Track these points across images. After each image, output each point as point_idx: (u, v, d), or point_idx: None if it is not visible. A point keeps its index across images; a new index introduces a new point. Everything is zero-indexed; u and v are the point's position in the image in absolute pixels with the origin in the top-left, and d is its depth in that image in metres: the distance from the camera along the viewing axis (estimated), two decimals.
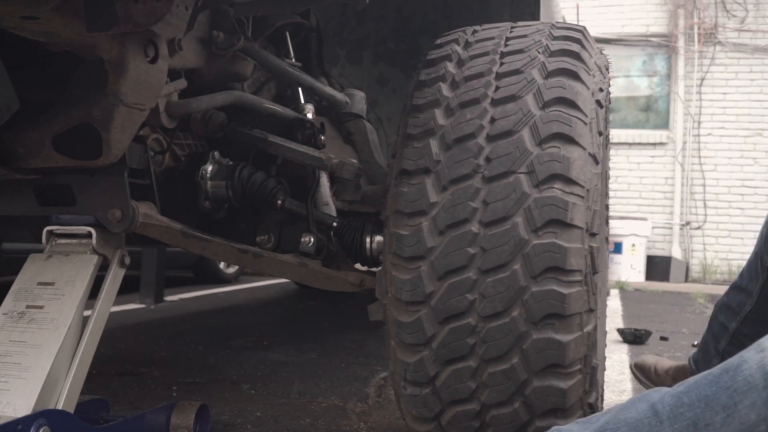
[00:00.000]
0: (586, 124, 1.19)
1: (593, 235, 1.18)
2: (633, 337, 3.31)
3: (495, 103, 1.21)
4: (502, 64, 1.28)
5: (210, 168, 1.56)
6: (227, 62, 1.43)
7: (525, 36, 1.33)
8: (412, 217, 1.19)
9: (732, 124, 7.72)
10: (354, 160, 1.64)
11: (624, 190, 8.12)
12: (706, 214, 7.85)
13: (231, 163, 1.60)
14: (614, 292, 6.12)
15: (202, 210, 1.58)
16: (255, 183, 1.58)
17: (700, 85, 7.87)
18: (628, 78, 8.55)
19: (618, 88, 8.55)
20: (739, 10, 7.88)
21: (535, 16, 2.05)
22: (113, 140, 1.13)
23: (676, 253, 7.93)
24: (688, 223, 7.97)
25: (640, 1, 8.24)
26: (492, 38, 1.35)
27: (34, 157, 1.19)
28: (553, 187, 1.12)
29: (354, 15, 2.18)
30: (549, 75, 1.23)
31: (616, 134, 8.13)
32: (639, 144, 8.10)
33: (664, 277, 7.73)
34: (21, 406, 1.10)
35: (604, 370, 1.65)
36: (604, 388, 1.72)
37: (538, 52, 1.27)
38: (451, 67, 1.30)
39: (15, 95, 1.10)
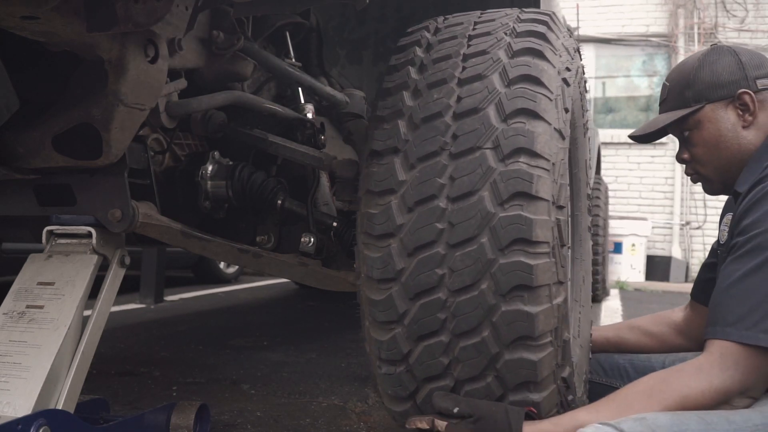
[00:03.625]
0: (551, 100, 1.20)
1: (560, 207, 1.19)
2: None
3: (461, 82, 1.23)
4: (469, 46, 1.29)
5: (210, 168, 1.56)
6: (227, 62, 1.43)
7: (493, 20, 1.35)
8: (382, 196, 1.20)
9: None
10: (354, 160, 1.64)
11: (624, 190, 8.12)
12: (706, 214, 7.86)
13: (231, 163, 1.60)
14: (614, 292, 6.12)
15: (202, 210, 1.58)
16: (255, 183, 1.58)
17: None
18: (628, 78, 8.55)
19: (618, 88, 8.55)
20: (739, 10, 7.89)
21: None
22: (113, 140, 1.13)
23: (676, 253, 7.93)
24: (688, 223, 7.97)
25: (640, 1, 8.24)
26: (461, 23, 1.37)
27: (34, 157, 1.19)
28: (518, 161, 1.13)
29: (354, 15, 2.18)
30: (515, 54, 1.25)
31: (616, 134, 8.13)
32: (639, 144, 8.09)
33: (664, 277, 7.73)
34: (21, 406, 1.10)
35: (589, 350, 1.65)
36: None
37: (505, 34, 1.29)
38: (420, 51, 1.32)
39: (15, 95, 1.10)
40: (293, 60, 1.76)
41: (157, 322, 3.54)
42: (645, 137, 1.56)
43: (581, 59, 1.54)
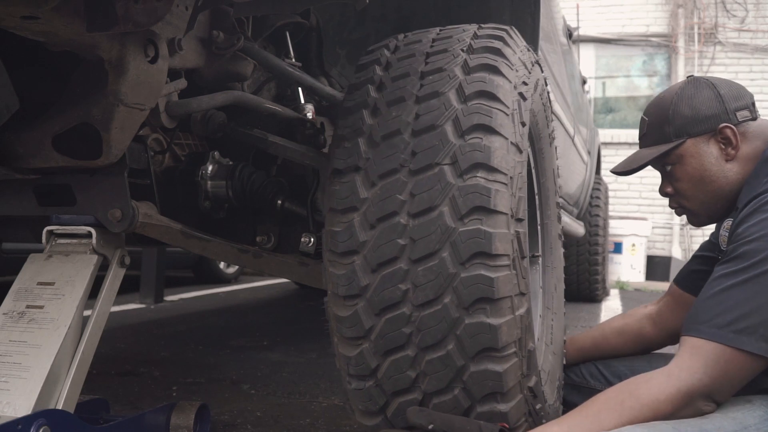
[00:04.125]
0: (507, 114, 1.22)
1: (519, 220, 1.20)
2: None
3: (419, 100, 1.25)
4: (427, 63, 1.31)
5: (210, 168, 1.56)
6: (227, 62, 1.43)
7: (450, 37, 1.37)
8: (345, 214, 1.22)
9: None
10: None
11: (624, 190, 8.12)
12: None
13: (231, 163, 1.60)
14: (614, 292, 6.12)
15: (202, 210, 1.58)
16: (255, 183, 1.58)
17: None
18: (628, 78, 8.55)
19: (618, 88, 8.55)
20: (739, 10, 7.89)
21: (534, 16, 2.05)
22: (113, 140, 1.13)
23: (676, 253, 7.93)
24: (688, 223, 7.96)
25: (640, 1, 8.24)
26: (419, 41, 1.39)
27: (34, 157, 1.19)
28: (476, 176, 1.15)
29: (354, 15, 2.17)
30: (471, 71, 1.26)
31: (616, 134, 8.13)
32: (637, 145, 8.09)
33: (664, 277, 7.72)
34: (21, 406, 1.10)
35: (562, 360, 1.65)
36: None
37: (462, 51, 1.31)
38: (379, 70, 1.34)
39: (15, 95, 1.10)
40: (293, 60, 1.76)
41: (157, 322, 3.54)
42: (627, 172, 1.56)
43: (542, 71, 1.56)
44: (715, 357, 1.15)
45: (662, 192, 1.53)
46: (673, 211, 1.54)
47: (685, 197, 1.47)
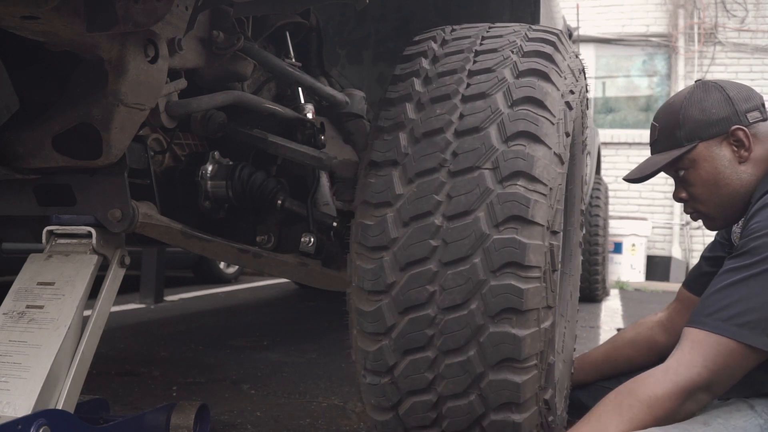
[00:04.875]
0: (553, 124, 1.20)
1: (554, 233, 1.19)
2: None
3: (465, 99, 1.23)
4: (475, 62, 1.29)
5: (210, 168, 1.56)
6: (227, 62, 1.43)
7: (500, 36, 1.35)
8: (378, 208, 1.20)
9: None
10: (354, 160, 1.64)
11: (624, 190, 8.12)
12: None
13: (231, 163, 1.60)
14: (614, 292, 6.12)
15: (202, 210, 1.58)
16: (255, 183, 1.58)
17: None
18: (628, 78, 8.55)
19: (618, 88, 8.55)
20: (739, 10, 7.89)
21: (534, 16, 2.05)
22: (113, 140, 1.13)
23: (676, 252, 7.93)
24: (688, 223, 7.97)
25: (640, 1, 8.25)
26: (468, 37, 1.37)
27: (34, 157, 1.19)
28: (516, 184, 1.13)
29: (354, 15, 2.18)
30: (520, 75, 1.25)
31: (616, 134, 8.13)
32: (639, 144, 8.10)
33: (664, 277, 7.73)
34: (21, 406, 1.10)
35: (571, 366, 1.64)
36: None
37: (512, 52, 1.29)
38: (425, 63, 1.32)
39: (15, 95, 1.10)
40: (293, 60, 1.76)
41: (157, 322, 3.54)
42: (640, 179, 1.55)
43: (585, 79, 1.54)
44: (717, 350, 1.15)
45: (676, 198, 1.51)
46: (689, 216, 1.53)
47: (700, 201, 1.46)
